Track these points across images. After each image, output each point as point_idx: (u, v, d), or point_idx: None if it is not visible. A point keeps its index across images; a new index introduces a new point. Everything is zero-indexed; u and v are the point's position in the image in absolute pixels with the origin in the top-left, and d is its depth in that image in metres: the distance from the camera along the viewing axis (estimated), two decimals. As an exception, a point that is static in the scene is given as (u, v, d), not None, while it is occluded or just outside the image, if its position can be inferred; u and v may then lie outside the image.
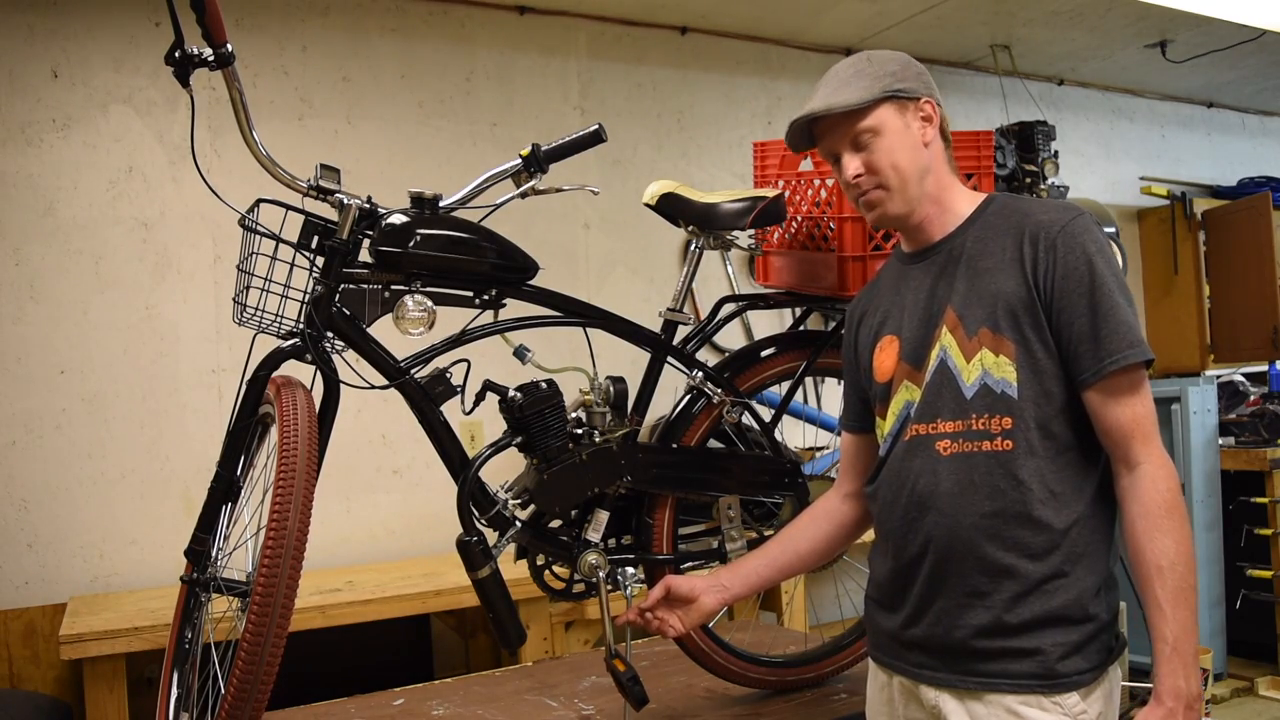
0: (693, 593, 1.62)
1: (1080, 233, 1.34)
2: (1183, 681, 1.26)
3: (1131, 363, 1.30)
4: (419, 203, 1.65)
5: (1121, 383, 1.31)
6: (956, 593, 1.36)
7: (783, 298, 2.12)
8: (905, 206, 1.45)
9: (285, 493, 1.37)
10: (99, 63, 2.99)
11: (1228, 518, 3.97)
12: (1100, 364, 1.31)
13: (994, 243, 1.40)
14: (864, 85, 1.42)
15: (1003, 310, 1.35)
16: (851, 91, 1.42)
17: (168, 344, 3.04)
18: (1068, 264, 1.33)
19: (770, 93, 4.11)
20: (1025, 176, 4.00)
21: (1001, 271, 1.37)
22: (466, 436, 2.01)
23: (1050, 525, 1.33)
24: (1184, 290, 5.07)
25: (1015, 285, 1.35)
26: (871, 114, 1.42)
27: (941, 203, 1.46)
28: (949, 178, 1.48)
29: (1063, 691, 1.32)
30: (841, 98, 1.43)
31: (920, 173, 1.44)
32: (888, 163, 1.42)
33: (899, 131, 1.42)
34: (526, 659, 2.67)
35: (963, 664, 1.36)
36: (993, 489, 1.34)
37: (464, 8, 3.49)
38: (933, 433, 1.40)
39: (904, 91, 1.43)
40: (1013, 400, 1.34)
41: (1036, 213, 1.39)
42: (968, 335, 1.38)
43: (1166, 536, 1.28)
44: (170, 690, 1.73)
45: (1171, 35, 4.35)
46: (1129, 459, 1.32)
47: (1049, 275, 1.33)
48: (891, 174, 1.43)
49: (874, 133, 1.42)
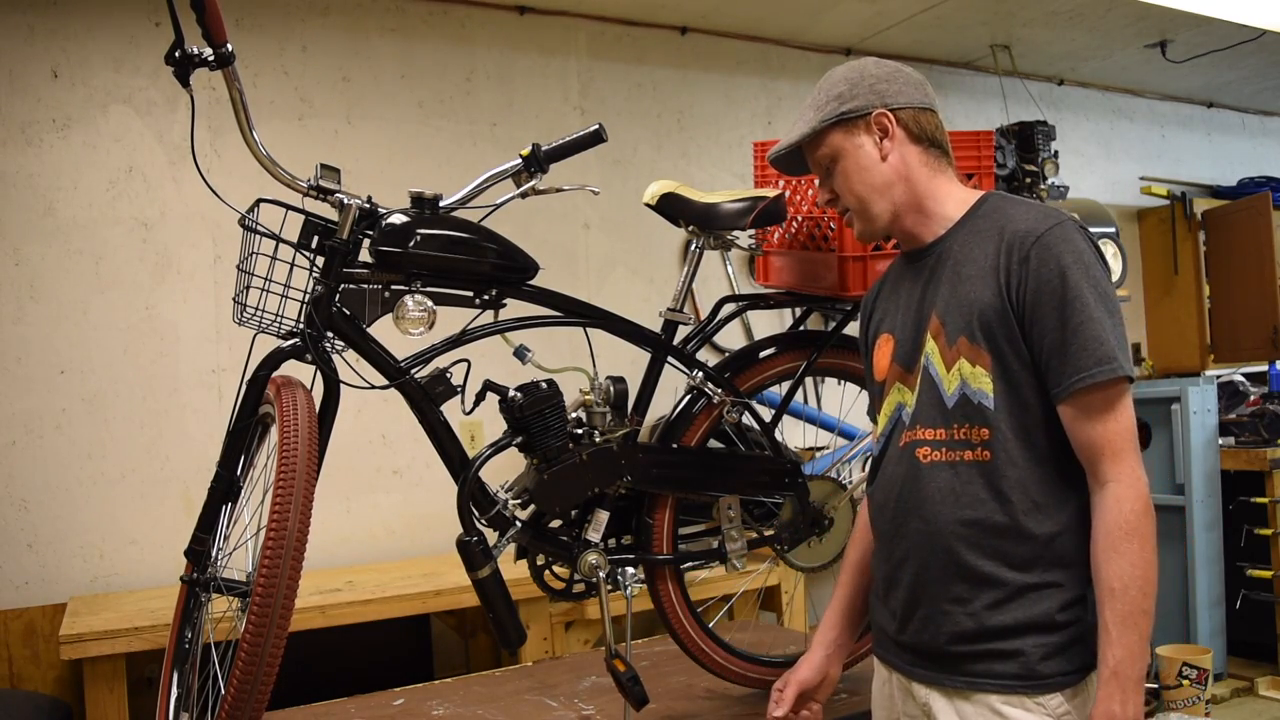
0: (822, 677, 1.61)
1: (1055, 243, 1.30)
2: (1118, 707, 1.24)
3: (1099, 381, 1.27)
4: (419, 203, 1.65)
5: (1093, 399, 1.28)
6: (939, 599, 1.37)
7: (783, 298, 2.12)
8: (872, 224, 1.46)
9: (285, 493, 1.37)
10: (99, 63, 2.99)
11: (1228, 518, 3.97)
12: (1068, 380, 1.28)
13: (977, 249, 1.38)
14: (809, 118, 1.47)
15: (978, 321, 1.34)
16: (800, 126, 1.48)
17: (168, 344, 3.04)
18: (1040, 276, 1.30)
19: (770, 93, 4.11)
20: (1025, 176, 4.00)
21: (980, 280, 1.35)
22: (466, 436, 2.01)
23: (1033, 535, 1.32)
24: (1184, 290, 5.07)
25: (991, 296, 1.33)
26: (823, 143, 1.46)
27: (924, 209, 1.44)
28: (931, 182, 1.44)
29: (1045, 692, 1.31)
30: (795, 133, 1.49)
31: (881, 189, 1.43)
32: (845, 188, 1.46)
33: (851, 153, 1.44)
34: (526, 659, 2.67)
35: (948, 663, 1.37)
36: (973, 499, 1.34)
37: (464, 8, 3.49)
38: (916, 439, 1.40)
39: (851, 111, 1.43)
40: (989, 411, 1.33)
41: (1017, 220, 1.36)
42: (948, 344, 1.37)
43: (1123, 559, 1.25)
44: (170, 690, 1.73)
45: (1171, 35, 4.35)
46: (1098, 476, 1.30)
47: (1022, 288, 1.31)
48: (850, 198, 1.46)
49: (831, 160, 1.46)
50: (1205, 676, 3.34)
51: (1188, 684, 3.33)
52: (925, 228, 1.45)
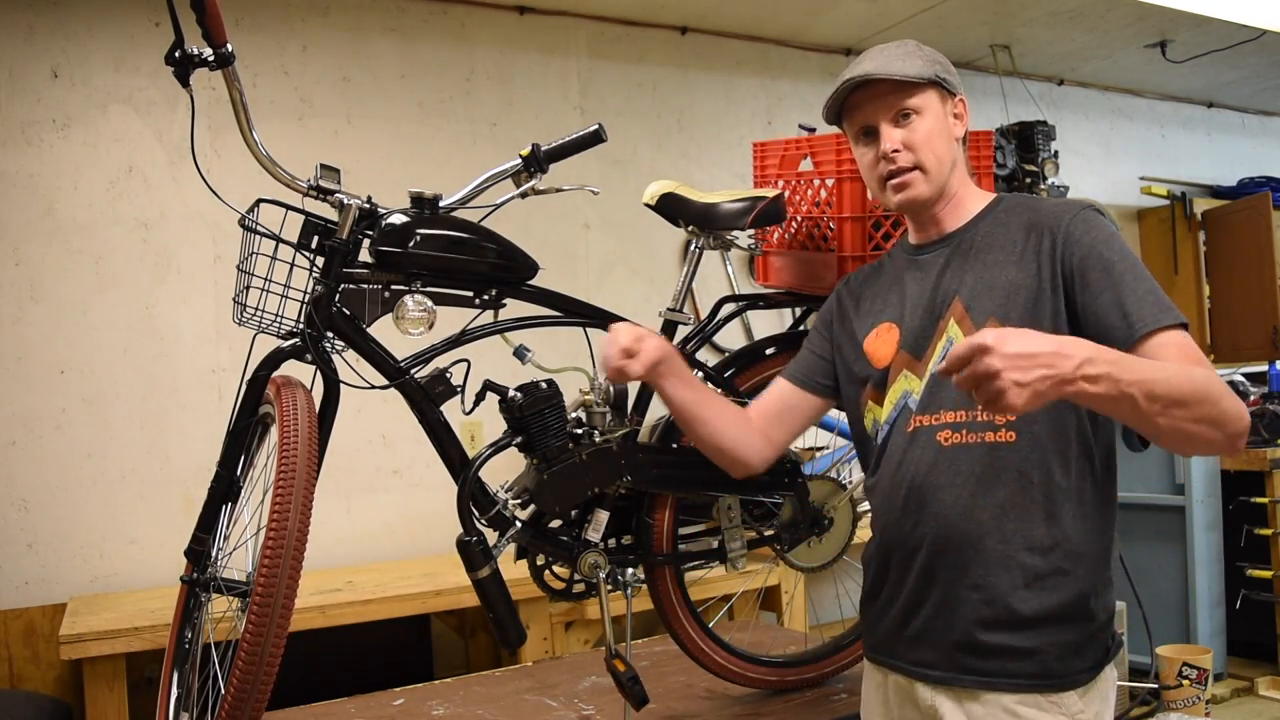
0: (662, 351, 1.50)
1: (1089, 221, 1.36)
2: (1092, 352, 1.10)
3: (1165, 324, 1.25)
4: (419, 203, 1.65)
5: (1165, 342, 1.24)
6: (956, 584, 1.36)
7: (783, 298, 2.12)
8: (934, 191, 1.46)
9: (285, 493, 1.37)
10: (99, 63, 2.99)
11: (1228, 518, 3.97)
12: (1138, 327, 1.25)
13: (1004, 237, 1.42)
14: (920, 64, 1.44)
15: (1014, 301, 1.35)
16: (908, 65, 1.43)
17: (168, 344, 3.03)
18: (1084, 244, 1.33)
19: (770, 93, 4.11)
20: (1025, 176, 4.00)
21: (1013, 264, 1.38)
22: (466, 436, 2.01)
23: (1052, 519, 1.32)
24: (1184, 290, 5.07)
25: (1027, 277, 1.36)
26: (921, 93, 1.43)
27: (957, 197, 1.49)
28: (965, 175, 1.51)
29: (1060, 690, 1.31)
30: (898, 67, 1.42)
31: (951, 163, 1.46)
32: (927, 144, 1.43)
33: (940, 118, 1.45)
34: (526, 659, 2.67)
35: (961, 660, 1.36)
36: (995, 481, 1.34)
37: (464, 8, 3.49)
38: (935, 423, 1.39)
39: (949, 83, 1.46)
40: None
41: (1044, 208, 1.41)
42: (974, 325, 1.37)
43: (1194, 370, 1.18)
44: (170, 690, 1.73)
45: (1171, 35, 4.35)
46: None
47: (1066, 259, 1.34)
48: (929, 156, 1.44)
49: (918, 112, 1.43)
50: (1205, 676, 3.34)
51: (1188, 684, 3.33)
52: (951, 216, 1.49)
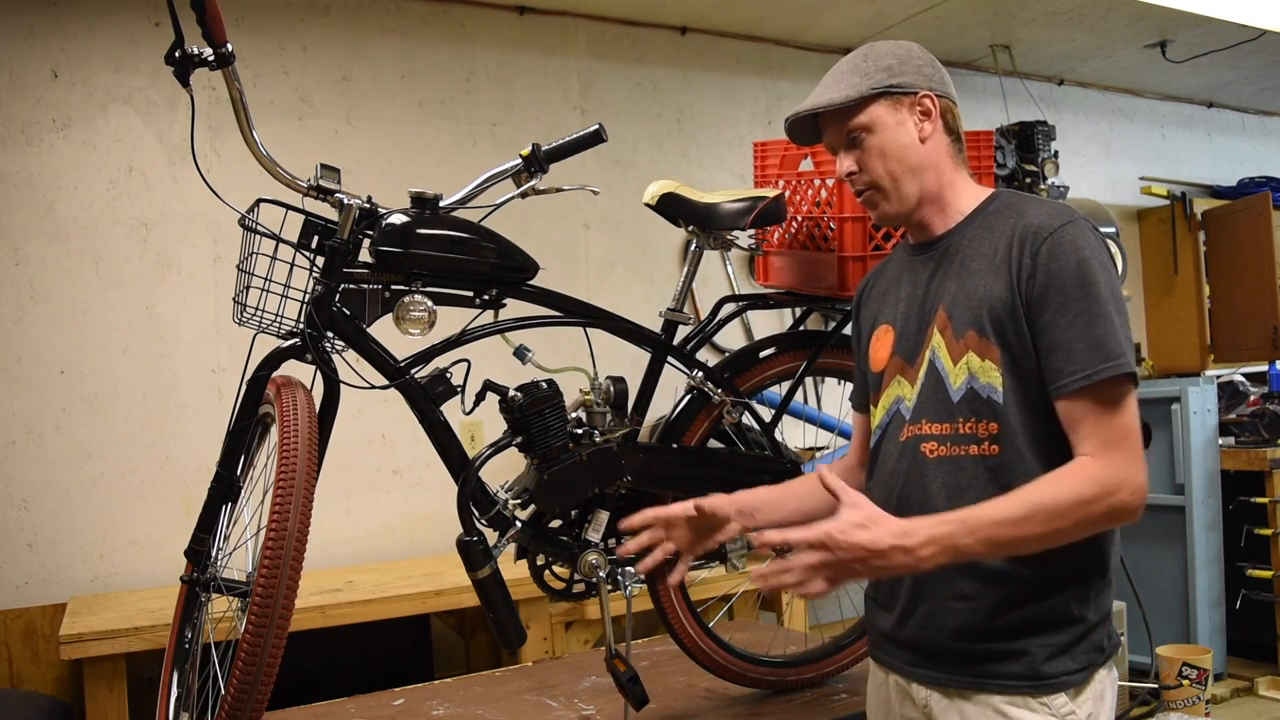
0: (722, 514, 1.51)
1: (1068, 240, 1.29)
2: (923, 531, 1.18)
3: (1104, 378, 1.24)
4: (419, 203, 1.65)
5: (1097, 396, 1.25)
6: (943, 595, 1.36)
7: (783, 298, 2.12)
8: (900, 206, 1.43)
9: (285, 493, 1.37)
10: (99, 63, 2.99)
11: (1228, 518, 3.97)
12: (1069, 376, 1.25)
13: (987, 243, 1.37)
14: (854, 82, 1.41)
15: (988, 315, 1.33)
16: (841, 89, 1.42)
17: (168, 344, 3.03)
18: (1050, 270, 1.28)
19: (770, 93, 4.11)
20: (1025, 176, 4.00)
21: (991, 274, 1.34)
22: (466, 436, 2.01)
23: None
24: (1184, 290, 5.07)
25: (1001, 289, 1.32)
26: (863, 111, 1.41)
27: (943, 200, 1.44)
28: (953, 173, 1.45)
29: (1050, 692, 1.31)
30: (829, 95, 1.42)
31: (914, 170, 1.41)
32: (878, 161, 1.41)
33: (891, 129, 1.40)
34: (526, 659, 2.67)
35: (951, 664, 1.36)
36: (980, 494, 1.31)
37: (464, 8, 3.49)
38: (920, 434, 1.39)
39: (899, 86, 1.40)
40: (999, 406, 1.31)
41: (1030, 215, 1.35)
42: (955, 337, 1.36)
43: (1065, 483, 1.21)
44: (170, 690, 1.73)
45: (1171, 35, 4.35)
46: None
47: (1031, 280, 1.29)
48: (882, 174, 1.41)
49: (866, 130, 1.41)
50: (1205, 676, 3.34)
51: (1188, 684, 3.33)
52: (939, 219, 1.45)
